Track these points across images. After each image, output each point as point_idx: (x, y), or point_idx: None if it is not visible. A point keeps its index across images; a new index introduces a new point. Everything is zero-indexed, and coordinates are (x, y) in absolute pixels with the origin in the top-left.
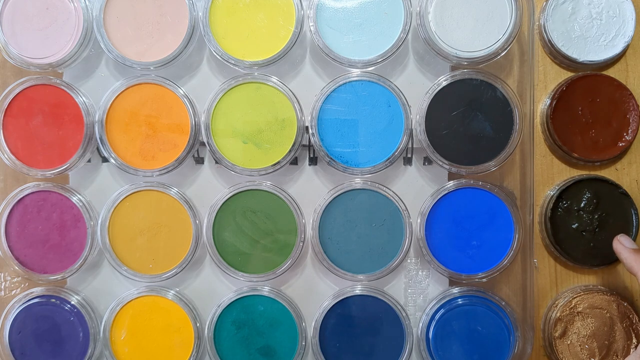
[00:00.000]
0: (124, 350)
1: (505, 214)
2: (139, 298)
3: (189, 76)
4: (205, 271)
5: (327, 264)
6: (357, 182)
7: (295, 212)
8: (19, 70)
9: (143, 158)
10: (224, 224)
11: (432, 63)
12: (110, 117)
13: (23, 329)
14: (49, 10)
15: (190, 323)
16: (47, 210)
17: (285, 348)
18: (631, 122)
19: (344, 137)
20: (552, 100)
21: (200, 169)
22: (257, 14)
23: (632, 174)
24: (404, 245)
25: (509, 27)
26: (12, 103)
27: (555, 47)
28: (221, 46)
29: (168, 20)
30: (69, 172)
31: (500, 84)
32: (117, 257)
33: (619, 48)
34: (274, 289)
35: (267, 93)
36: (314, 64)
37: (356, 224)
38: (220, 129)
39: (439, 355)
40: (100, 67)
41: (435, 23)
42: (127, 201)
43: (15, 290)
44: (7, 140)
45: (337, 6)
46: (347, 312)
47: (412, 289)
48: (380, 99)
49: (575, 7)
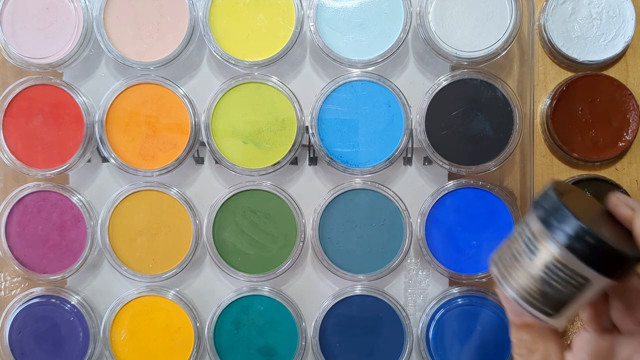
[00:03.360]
0: (124, 350)
1: (505, 214)
2: (139, 298)
3: (189, 76)
4: (205, 271)
5: (327, 264)
6: (357, 182)
7: (295, 212)
8: (19, 70)
9: (143, 158)
10: (224, 224)
11: (432, 63)
12: (110, 117)
13: (23, 329)
14: (49, 10)
15: (190, 323)
16: (47, 210)
17: (285, 348)
18: (631, 122)
19: (344, 137)
20: (552, 100)
21: (200, 169)
22: (257, 14)
23: (632, 174)
24: (404, 245)
25: (509, 27)
26: (12, 103)
27: (555, 47)
28: (221, 46)
29: (168, 20)
30: (69, 172)
31: (500, 84)
32: (117, 257)
33: (619, 48)
34: (274, 289)
35: (267, 93)
36: (314, 64)
37: (356, 224)
38: (220, 129)
39: (439, 355)
40: (100, 67)
41: (435, 23)
42: (127, 201)
43: (15, 290)
44: (7, 140)
45: (337, 6)
46: (347, 312)
47: (412, 289)
48: (380, 99)
49: (575, 7)
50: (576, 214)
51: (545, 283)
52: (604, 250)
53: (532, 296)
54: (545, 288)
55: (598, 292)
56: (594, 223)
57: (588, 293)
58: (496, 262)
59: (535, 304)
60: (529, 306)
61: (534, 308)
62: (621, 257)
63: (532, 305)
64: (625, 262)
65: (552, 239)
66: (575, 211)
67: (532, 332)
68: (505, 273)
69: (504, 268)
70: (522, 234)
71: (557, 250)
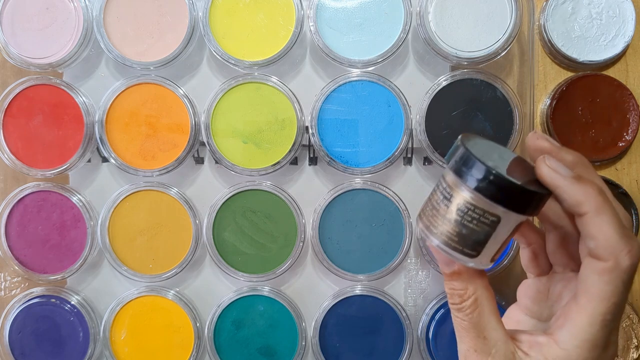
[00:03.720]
0: (124, 350)
1: None
2: (139, 298)
3: (189, 76)
4: (205, 271)
5: (327, 264)
6: (357, 182)
7: (295, 212)
8: (19, 70)
9: (143, 158)
10: (224, 224)
11: (432, 63)
12: (110, 117)
13: (23, 329)
14: (49, 10)
15: (190, 323)
16: (47, 210)
17: (285, 348)
18: (631, 122)
19: (344, 137)
20: (552, 100)
21: (200, 169)
22: (257, 14)
23: (632, 174)
24: (404, 245)
25: (509, 27)
26: (12, 103)
27: (555, 47)
28: (221, 46)
29: (168, 20)
30: (69, 172)
31: (500, 84)
32: (117, 257)
33: (619, 48)
34: (274, 289)
35: (267, 93)
36: (314, 64)
37: (356, 224)
38: (220, 129)
39: (439, 355)
40: (100, 67)
41: (435, 23)
42: (127, 201)
43: (15, 290)
44: (7, 140)
45: (337, 6)
46: (347, 312)
47: (412, 289)
48: (380, 99)
49: (575, 7)
50: (480, 157)
51: (462, 225)
52: (508, 187)
53: (452, 240)
54: (462, 230)
55: (512, 228)
56: (500, 164)
57: (501, 230)
58: (421, 216)
59: (457, 247)
60: (452, 250)
61: (456, 251)
62: (525, 191)
63: (454, 249)
64: (530, 196)
65: (462, 183)
66: (479, 155)
67: (461, 278)
68: (428, 224)
69: (427, 220)
70: (439, 185)
71: (467, 193)
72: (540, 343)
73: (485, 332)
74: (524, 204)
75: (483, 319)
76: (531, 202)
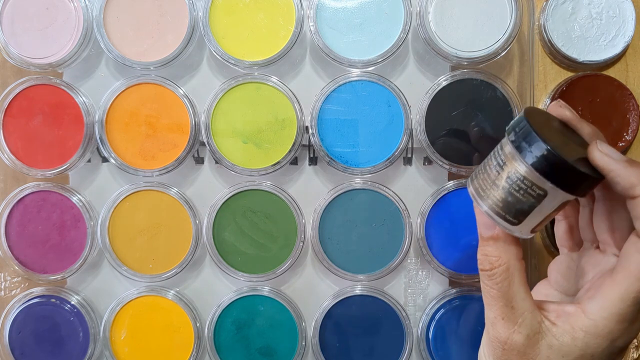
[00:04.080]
0: (124, 350)
1: None
2: (139, 298)
3: (189, 76)
4: (205, 271)
5: (327, 264)
6: (357, 182)
7: (295, 212)
8: (19, 70)
9: (143, 158)
10: (224, 224)
11: (432, 63)
12: (110, 117)
13: (23, 329)
14: (49, 10)
15: (190, 323)
16: (47, 210)
17: (285, 348)
18: (631, 122)
19: (344, 137)
20: (552, 100)
21: (200, 169)
22: (257, 14)
23: None
24: (404, 245)
25: (509, 27)
26: (12, 103)
27: (555, 47)
28: (221, 46)
29: (168, 20)
30: (69, 172)
31: (500, 84)
32: (117, 257)
33: (619, 48)
34: (274, 289)
35: (267, 93)
36: (314, 64)
37: (356, 224)
38: (220, 129)
39: (439, 355)
40: (100, 67)
41: (435, 23)
42: (127, 201)
43: (15, 290)
44: (7, 140)
45: (337, 6)
46: (347, 312)
47: (412, 289)
48: (380, 99)
49: (575, 7)
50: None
51: (509, 193)
52: (563, 168)
53: (497, 205)
54: (508, 197)
55: (557, 204)
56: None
57: (547, 204)
58: (473, 179)
59: (499, 213)
60: (495, 215)
61: (499, 217)
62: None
63: (497, 214)
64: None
65: (519, 156)
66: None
67: (496, 245)
68: (479, 188)
69: (477, 184)
70: (495, 153)
71: (522, 166)
72: (568, 312)
73: (514, 301)
74: (574, 185)
75: (512, 288)
76: (582, 184)
